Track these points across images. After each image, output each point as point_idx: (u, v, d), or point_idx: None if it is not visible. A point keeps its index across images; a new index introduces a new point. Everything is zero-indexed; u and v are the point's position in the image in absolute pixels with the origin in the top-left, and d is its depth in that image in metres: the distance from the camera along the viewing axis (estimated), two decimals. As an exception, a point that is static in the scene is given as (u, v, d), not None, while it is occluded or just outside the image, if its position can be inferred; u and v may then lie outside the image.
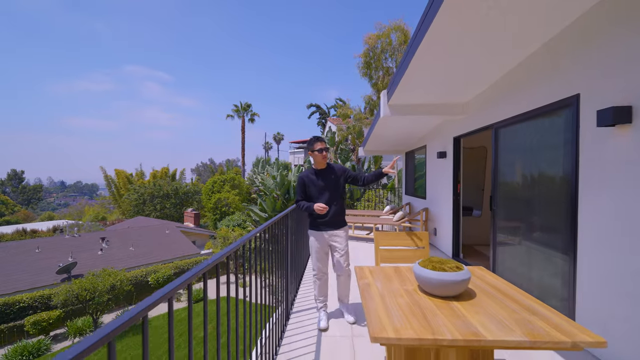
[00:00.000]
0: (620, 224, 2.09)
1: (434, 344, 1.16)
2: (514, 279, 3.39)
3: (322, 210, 2.67)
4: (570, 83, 2.55)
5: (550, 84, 2.79)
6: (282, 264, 2.82)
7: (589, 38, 2.36)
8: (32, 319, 10.48)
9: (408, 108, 4.74)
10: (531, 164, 3.15)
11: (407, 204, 8.09)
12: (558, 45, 2.69)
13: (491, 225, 3.87)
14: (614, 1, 2.14)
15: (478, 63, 3.30)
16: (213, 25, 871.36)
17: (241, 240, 1.72)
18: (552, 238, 2.81)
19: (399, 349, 1.42)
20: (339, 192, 2.89)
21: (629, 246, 2.03)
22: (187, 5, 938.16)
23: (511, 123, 3.47)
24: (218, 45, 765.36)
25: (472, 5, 2.16)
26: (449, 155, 5.29)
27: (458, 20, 2.35)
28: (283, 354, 2.37)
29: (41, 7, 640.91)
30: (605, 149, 2.22)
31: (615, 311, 2.12)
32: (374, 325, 1.26)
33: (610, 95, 2.17)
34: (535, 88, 3.00)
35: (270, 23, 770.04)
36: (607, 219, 2.20)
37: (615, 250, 2.14)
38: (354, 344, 2.51)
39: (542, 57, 2.89)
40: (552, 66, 2.77)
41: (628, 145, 2.05)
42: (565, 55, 2.60)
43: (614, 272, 2.14)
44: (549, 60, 2.81)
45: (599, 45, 2.27)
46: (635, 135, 1.99)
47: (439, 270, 1.52)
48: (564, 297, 2.63)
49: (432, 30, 2.44)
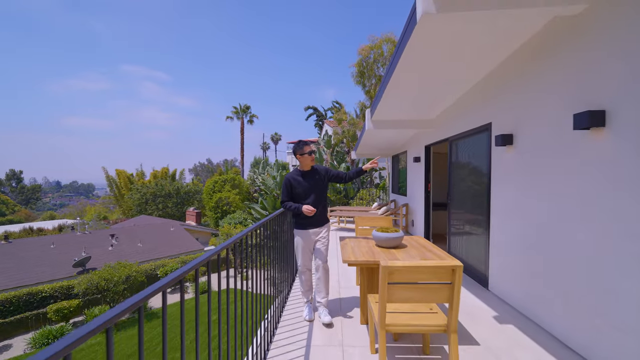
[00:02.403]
0: (511, 207, 3.28)
1: (374, 264, 2.33)
2: (461, 251, 4.59)
3: (311, 212, 2.82)
4: (487, 114, 3.75)
5: (478, 113, 3.99)
6: (280, 257, 3.03)
7: (495, 85, 3.56)
8: (55, 307, 11.50)
9: (388, 123, 5.93)
10: (469, 167, 4.35)
11: (393, 201, 9.29)
12: (481, 87, 3.89)
13: (447, 213, 5.07)
14: (505, 66, 3.34)
15: (436, 92, 4.48)
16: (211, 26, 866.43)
17: (243, 232, 1.87)
18: (478, 220, 4.01)
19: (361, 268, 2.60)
20: (324, 192, 3.03)
21: (512, 218, 3.23)
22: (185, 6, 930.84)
23: (459, 138, 4.67)
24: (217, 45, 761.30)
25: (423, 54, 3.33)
26: (422, 160, 6.48)
27: (416, 63, 3.53)
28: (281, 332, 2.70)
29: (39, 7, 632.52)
30: (502, 160, 3.42)
31: (508, 263, 3.32)
32: (346, 256, 2.43)
33: (504, 126, 3.37)
34: (471, 115, 4.20)
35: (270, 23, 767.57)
36: (505, 204, 3.39)
37: (508, 224, 3.33)
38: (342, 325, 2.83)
39: (474, 94, 4.10)
40: (479, 101, 3.98)
41: (511, 159, 3.24)
42: (485, 95, 3.81)
43: (509, 239, 3.33)
44: (478, 96, 4.02)
45: (500, 92, 3.47)
46: (515, 153, 3.18)
47: (384, 232, 2.69)
48: (484, 259, 3.82)
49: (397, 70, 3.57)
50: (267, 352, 2.37)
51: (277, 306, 2.93)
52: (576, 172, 2.37)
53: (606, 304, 2.09)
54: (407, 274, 1.81)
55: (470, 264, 4.26)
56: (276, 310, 2.85)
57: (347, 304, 3.29)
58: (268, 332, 2.45)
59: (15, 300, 11.48)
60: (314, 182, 2.96)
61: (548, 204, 2.68)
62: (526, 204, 2.99)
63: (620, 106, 1.99)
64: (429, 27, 2.48)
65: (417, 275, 1.82)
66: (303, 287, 3.04)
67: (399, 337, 2.58)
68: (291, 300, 3.47)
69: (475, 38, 2.82)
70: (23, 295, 11.66)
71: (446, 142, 5.28)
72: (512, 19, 2.54)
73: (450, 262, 1.82)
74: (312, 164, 3.00)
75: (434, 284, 1.83)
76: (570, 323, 2.41)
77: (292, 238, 3.46)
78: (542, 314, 2.76)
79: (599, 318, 2.14)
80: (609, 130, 2.08)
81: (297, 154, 2.97)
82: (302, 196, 2.94)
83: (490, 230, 3.66)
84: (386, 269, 1.80)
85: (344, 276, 4.24)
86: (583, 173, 2.31)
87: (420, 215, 6.58)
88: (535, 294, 2.84)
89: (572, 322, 2.40)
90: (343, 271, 4.47)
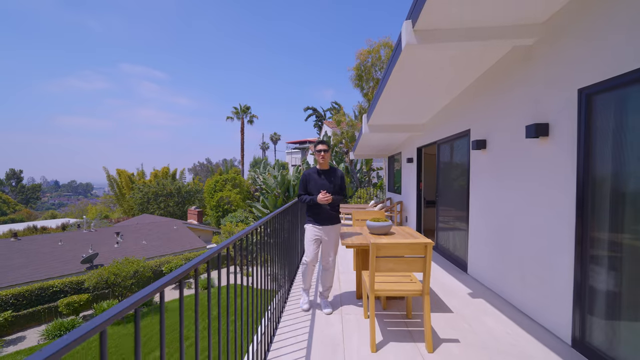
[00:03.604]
0: (484, 202, 3.85)
1: (367, 246, 2.88)
2: (447, 242, 5.16)
3: (327, 200, 2.94)
4: (467, 121, 4.32)
5: (460, 120, 4.56)
6: (281, 253, 3.14)
7: (471, 99, 4.13)
8: (66, 301, 12.02)
9: (383, 127, 6.49)
10: (454, 168, 4.92)
11: (389, 199, 9.87)
12: (461, 99, 4.46)
13: (435, 209, 5.64)
14: (478, 83, 3.91)
15: (423, 102, 5.06)
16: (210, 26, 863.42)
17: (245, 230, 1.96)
18: (460, 214, 4.58)
19: (356, 251, 3.16)
20: (336, 192, 3.14)
21: (485, 212, 3.79)
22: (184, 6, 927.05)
23: (445, 141, 5.24)
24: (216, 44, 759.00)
25: (409, 73, 3.90)
26: (415, 160, 7.05)
27: (403, 80, 4.10)
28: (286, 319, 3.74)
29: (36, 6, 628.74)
30: (478, 162, 3.99)
31: (482, 250, 3.89)
32: (345, 242, 2.99)
33: (479, 132, 3.94)
34: (454, 122, 4.77)
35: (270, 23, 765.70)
36: (480, 200, 3.96)
37: (482, 217, 3.90)
38: (342, 299, 3.62)
39: (456, 104, 4.67)
40: (459, 110, 4.55)
41: (484, 161, 3.81)
42: (464, 106, 4.38)
43: (482, 230, 3.90)
44: (458, 106, 4.59)
45: (475, 104, 4.04)
46: (488, 155, 3.75)
47: (375, 221, 3.25)
48: (464, 248, 4.39)
49: (388, 85, 4.14)
50: (279, 322, 2.93)
51: (283, 293, 3.26)
52: (529, 172, 2.94)
53: (549, 276, 2.66)
54: (391, 249, 2.37)
55: (453, 253, 4.83)
56: (283, 295, 3.26)
57: (346, 285, 3.86)
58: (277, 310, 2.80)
59: (28, 294, 11.98)
60: (328, 181, 3.12)
61: (510, 198, 3.25)
62: (495, 199, 3.56)
63: (559, 121, 2.56)
64: (412, 54, 3.05)
65: (398, 250, 2.38)
66: (304, 279, 3.16)
67: (388, 306, 3.14)
68: (295, 287, 4.03)
69: (450, 62, 3.39)
70: (35, 290, 12.16)
71: (434, 145, 5.85)
72: (480, 48, 3.12)
73: (423, 240, 2.38)
74: (325, 162, 3.14)
75: (411, 257, 2.39)
76: (525, 294, 2.99)
77: (292, 235, 3.58)
78: (505, 288, 3.33)
79: (544, 288, 2.71)
80: (551, 138, 2.65)
81: (314, 152, 3.23)
82: (314, 191, 3.12)
83: (469, 223, 4.22)
84: (374, 245, 2.35)
85: (343, 264, 4.80)
86: (533, 172, 2.88)
87: (413, 212, 7.15)
88: (500, 273, 3.41)
89: (526, 293, 2.97)
90: (342, 259, 5.03)
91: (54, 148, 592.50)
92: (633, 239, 1.97)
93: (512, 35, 2.79)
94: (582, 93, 2.32)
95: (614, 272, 2.10)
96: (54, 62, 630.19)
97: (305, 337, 2.60)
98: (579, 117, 2.35)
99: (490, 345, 2.46)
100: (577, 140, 2.36)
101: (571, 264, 2.40)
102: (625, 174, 2.03)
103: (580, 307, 2.33)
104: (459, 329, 2.72)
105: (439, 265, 4.73)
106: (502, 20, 2.72)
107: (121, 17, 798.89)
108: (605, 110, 2.17)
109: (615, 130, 2.09)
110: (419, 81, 4.02)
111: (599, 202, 2.21)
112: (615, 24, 2.05)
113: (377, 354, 2.36)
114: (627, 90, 2.01)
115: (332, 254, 3.14)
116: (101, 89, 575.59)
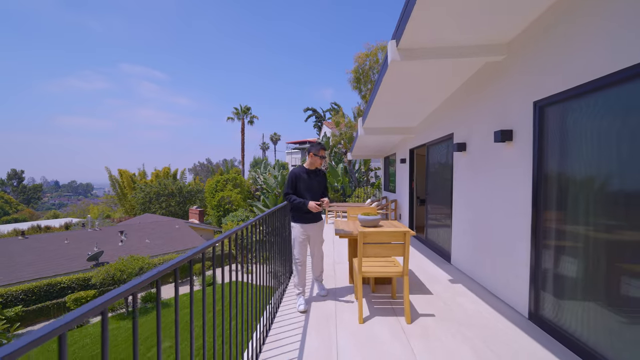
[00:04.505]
0: (465, 199, 4.28)
1: (356, 236, 3.32)
2: (435, 237, 5.60)
3: (316, 209, 3.14)
4: (450, 126, 4.76)
5: (445, 124, 5.00)
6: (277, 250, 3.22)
7: (454, 106, 4.57)
8: (73, 297, 12.44)
9: (377, 130, 6.93)
10: (440, 168, 5.36)
11: (385, 198, 10.30)
12: (445, 106, 4.90)
13: (425, 206, 6.07)
14: (458, 93, 4.34)
15: (412, 109, 5.50)
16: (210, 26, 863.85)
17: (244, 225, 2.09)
18: (445, 211, 5.01)
19: (349, 241, 3.60)
20: (322, 191, 3.38)
21: (466, 208, 4.23)
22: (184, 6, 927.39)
23: (433, 143, 5.68)
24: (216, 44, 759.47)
25: (397, 84, 4.33)
26: (407, 161, 7.49)
27: (392, 91, 4.54)
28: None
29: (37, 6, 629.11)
30: (459, 163, 4.43)
31: (462, 242, 4.33)
32: (339, 233, 3.43)
33: (460, 136, 4.38)
34: (440, 125, 5.21)
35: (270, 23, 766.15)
36: (461, 197, 4.39)
37: (464, 212, 4.33)
38: (336, 284, 4.64)
39: (441, 110, 5.11)
40: (444, 116, 4.99)
41: (464, 162, 4.25)
42: (448, 112, 4.82)
43: (463, 224, 4.34)
44: (443, 112, 5.03)
45: (457, 111, 4.48)
46: (467, 157, 4.19)
47: (366, 215, 3.69)
48: (449, 241, 4.83)
49: (378, 95, 4.59)
50: (279, 308, 3.36)
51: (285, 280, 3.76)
52: (498, 172, 3.38)
53: (512, 262, 3.09)
54: (375, 236, 2.81)
55: (440, 246, 5.27)
56: (285, 282, 3.81)
57: (341, 274, 4.29)
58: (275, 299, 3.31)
59: (37, 290, 12.41)
60: (316, 182, 3.31)
61: (484, 195, 3.69)
62: (473, 196, 3.99)
63: (520, 127, 3.00)
64: (397, 69, 3.49)
65: (381, 237, 2.81)
66: (298, 280, 3.22)
67: (376, 290, 3.58)
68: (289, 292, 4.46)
69: (432, 75, 3.84)
70: (44, 286, 12.59)
71: (424, 146, 6.28)
72: (457, 64, 3.56)
73: (402, 229, 2.82)
74: (319, 166, 3.32)
75: (393, 243, 2.82)
76: (495, 278, 3.42)
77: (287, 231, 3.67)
78: (479, 275, 3.77)
79: (508, 272, 3.15)
80: (515, 143, 3.08)
81: (312, 153, 3.26)
82: (303, 191, 3.24)
83: (453, 218, 4.66)
84: (362, 233, 2.79)
85: (338, 255, 5.24)
86: (501, 172, 3.32)
87: (406, 210, 7.59)
88: (477, 261, 3.85)
89: (495, 277, 3.41)
90: (337, 252, 5.46)
91: (54, 148, 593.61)
92: (574, 227, 2.40)
93: (483, 53, 3.23)
94: (536, 105, 2.76)
95: (560, 257, 2.54)
96: (54, 62, 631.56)
97: (303, 316, 3.03)
98: (534, 125, 2.79)
99: (461, 319, 2.90)
100: (532, 144, 2.80)
101: (528, 251, 2.84)
102: (568, 173, 2.46)
103: (535, 286, 2.77)
104: (436, 307, 3.16)
105: (426, 257, 5.17)
106: (473, 41, 3.16)
107: (121, 17, 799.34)
108: (553, 119, 2.61)
109: (560, 135, 2.53)
110: (406, 90, 4.46)
111: (549, 197, 2.65)
112: (557, 49, 2.48)
113: (363, 325, 2.79)
114: (569, 103, 2.45)
115: (318, 244, 3.43)
116: (101, 89, 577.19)
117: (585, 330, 2.23)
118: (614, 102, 2.05)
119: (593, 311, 2.18)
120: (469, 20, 2.76)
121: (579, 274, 2.34)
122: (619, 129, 1.99)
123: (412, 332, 2.66)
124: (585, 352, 2.19)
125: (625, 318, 1.95)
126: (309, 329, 2.74)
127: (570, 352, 2.31)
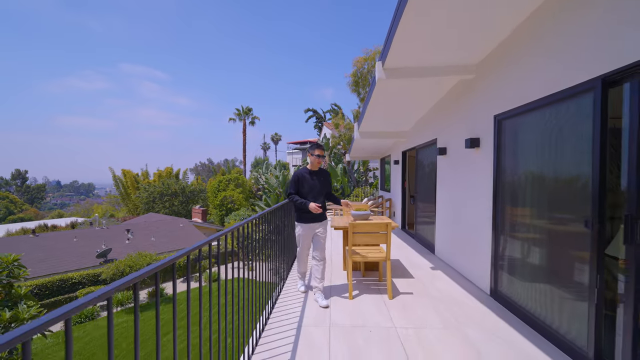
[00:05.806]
0: (446, 197, 4.86)
1: (347, 227, 3.90)
2: (423, 232, 6.17)
3: (317, 210, 3.20)
4: (435, 132, 5.34)
5: (430, 130, 5.58)
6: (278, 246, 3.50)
7: (436, 115, 5.15)
8: (84, 292, 13.06)
9: (372, 134, 7.51)
10: (427, 169, 5.94)
11: (381, 197, 10.88)
12: (430, 115, 5.48)
13: (415, 205, 6.65)
14: (439, 104, 4.92)
15: (402, 116, 6.08)
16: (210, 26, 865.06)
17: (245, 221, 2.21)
18: (431, 207, 5.59)
19: (343, 232, 4.18)
20: (325, 192, 3.44)
21: (447, 205, 4.81)
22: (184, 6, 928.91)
23: (421, 147, 6.26)
24: (216, 45, 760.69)
25: (385, 98, 4.91)
26: (400, 162, 8.07)
27: (381, 103, 5.12)
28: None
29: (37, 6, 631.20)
30: (442, 165, 5.01)
31: (444, 234, 4.91)
32: (334, 225, 4.01)
33: (442, 141, 4.96)
34: (427, 131, 5.79)
35: (270, 23, 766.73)
36: (443, 195, 4.97)
37: (445, 208, 4.91)
38: (332, 271, 5.23)
39: (427, 118, 5.70)
40: (429, 123, 5.57)
41: (445, 164, 4.83)
42: (432, 120, 5.40)
43: (444, 218, 4.92)
44: (429, 120, 5.61)
45: (439, 119, 5.06)
46: (447, 160, 4.76)
47: (358, 210, 4.28)
48: (433, 234, 5.41)
49: (369, 106, 5.18)
50: (283, 286, 3.94)
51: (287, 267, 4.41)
52: (470, 173, 3.96)
53: (478, 249, 3.67)
54: (363, 227, 3.39)
55: (426, 239, 5.85)
56: (287, 269, 4.41)
57: (336, 262, 4.88)
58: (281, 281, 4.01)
59: (50, 285, 13.03)
60: (319, 182, 3.37)
61: (460, 193, 4.27)
62: (452, 194, 4.57)
63: (485, 136, 3.58)
64: (384, 85, 4.08)
65: (368, 228, 3.39)
66: (299, 267, 3.58)
67: (366, 275, 4.16)
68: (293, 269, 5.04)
69: (415, 90, 4.44)
70: (56, 282, 13.21)
71: (414, 149, 6.86)
72: (435, 81, 4.14)
73: (385, 221, 3.40)
74: (319, 165, 3.38)
75: (377, 233, 3.41)
76: (467, 263, 4.01)
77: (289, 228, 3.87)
78: (456, 262, 4.35)
79: (476, 257, 3.73)
80: (481, 149, 3.66)
81: (309, 153, 3.36)
82: (307, 192, 3.33)
83: (436, 214, 5.24)
84: (352, 224, 3.37)
85: (335, 249, 5.82)
86: (472, 173, 3.90)
87: (399, 207, 8.16)
88: (454, 251, 4.43)
89: (467, 262, 3.99)
90: (335, 246, 6.05)
91: (55, 148, 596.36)
92: (522, 218, 2.98)
93: (457, 72, 3.81)
94: (496, 118, 3.34)
95: (513, 243, 3.12)
96: (54, 62, 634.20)
97: (303, 295, 3.62)
98: (494, 134, 3.37)
99: (434, 295, 3.48)
100: (493, 151, 3.38)
101: (490, 239, 3.42)
102: (514, 174, 3.04)
103: (495, 268, 3.35)
104: (415, 287, 3.74)
105: (414, 249, 5.75)
106: (449, 61, 3.74)
107: (121, 17, 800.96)
108: (508, 131, 3.19)
109: (512, 143, 3.11)
110: (395, 102, 5.05)
111: (505, 194, 3.22)
112: (510, 72, 3.06)
113: (353, 300, 3.37)
114: (517, 118, 3.02)
115: (321, 245, 3.36)
116: (102, 89, 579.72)
117: (532, 303, 2.80)
118: (539, 119, 2.64)
119: (538, 288, 2.76)
120: (443, 46, 3.34)
121: (526, 258, 2.92)
122: (545, 139, 2.57)
123: (393, 305, 3.24)
124: (531, 320, 2.77)
125: (564, 293, 2.53)
126: (307, 302, 3.33)
127: (520, 320, 2.89)
